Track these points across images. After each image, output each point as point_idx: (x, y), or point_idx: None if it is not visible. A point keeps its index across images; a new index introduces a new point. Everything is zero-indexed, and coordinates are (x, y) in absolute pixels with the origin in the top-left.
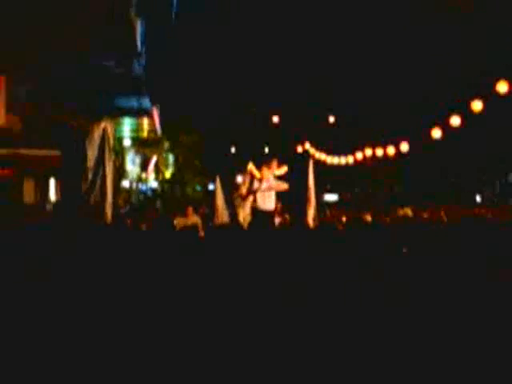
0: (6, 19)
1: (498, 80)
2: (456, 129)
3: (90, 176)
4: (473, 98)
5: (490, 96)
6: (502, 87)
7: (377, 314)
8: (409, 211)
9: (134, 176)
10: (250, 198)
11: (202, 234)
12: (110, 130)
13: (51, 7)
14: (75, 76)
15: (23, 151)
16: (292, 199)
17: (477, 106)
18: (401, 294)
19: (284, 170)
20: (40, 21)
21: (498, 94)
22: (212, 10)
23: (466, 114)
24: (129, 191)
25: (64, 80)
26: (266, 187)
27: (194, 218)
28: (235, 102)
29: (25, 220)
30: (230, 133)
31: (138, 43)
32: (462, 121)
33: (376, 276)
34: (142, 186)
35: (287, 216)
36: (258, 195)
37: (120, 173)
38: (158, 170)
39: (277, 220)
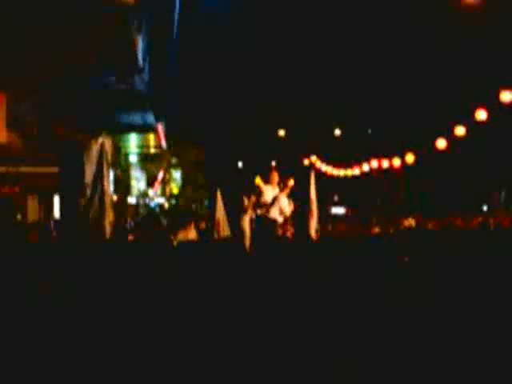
0: (5, 34)
1: (501, 89)
2: (460, 138)
3: (88, 192)
4: (477, 108)
5: (494, 106)
6: (505, 96)
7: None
8: (412, 222)
9: (140, 191)
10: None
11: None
12: (108, 145)
13: (51, 22)
14: (75, 91)
15: (25, 168)
16: (296, 211)
17: (480, 115)
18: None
19: (290, 184)
20: (40, 36)
21: (502, 104)
22: (216, 22)
23: (470, 123)
24: (136, 207)
25: (64, 95)
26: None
27: (192, 233)
28: (241, 115)
29: (28, 237)
30: (237, 147)
31: (140, 59)
32: (467, 131)
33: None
34: (150, 203)
35: (291, 228)
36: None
37: (126, 189)
38: (164, 186)
39: (279, 231)
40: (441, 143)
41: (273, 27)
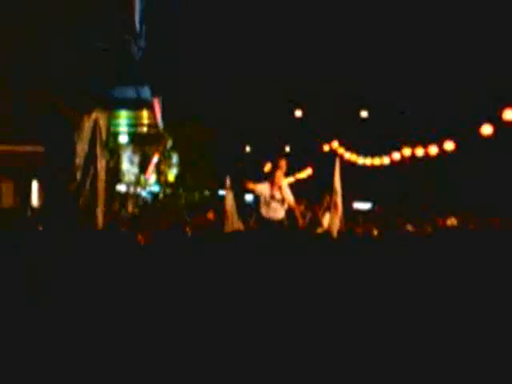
0: None
1: None
2: (510, 124)
3: (78, 175)
4: None
5: None
6: None
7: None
8: (454, 221)
9: (132, 178)
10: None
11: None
12: (102, 122)
13: None
14: (63, 60)
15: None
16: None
17: None
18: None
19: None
20: None
21: None
22: None
23: None
24: (125, 196)
25: (51, 64)
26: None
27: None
28: (252, 92)
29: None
30: (245, 129)
31: (137, 22)
32: None
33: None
34: (142, 191)
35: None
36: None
37: (115, 175)
38: (159, 172)
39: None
40: (486, 129)
41: None
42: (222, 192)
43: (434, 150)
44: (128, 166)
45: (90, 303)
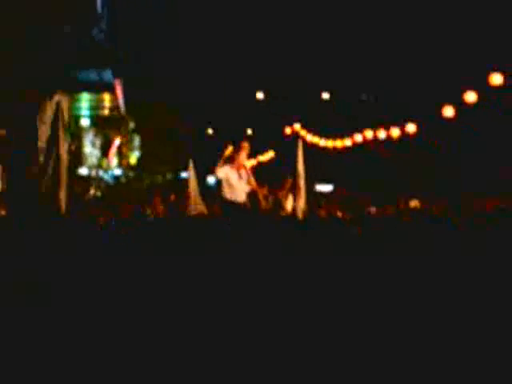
0: None
1: None
2: (471, 106)
3: (41, 158)
4: (490, 72)
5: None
6: None
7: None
8: (416, 203)
9: (94, 161)
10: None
11: None
12: (64, 105)
13: None
14: (25, 44)
15: None
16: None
17: (495, 80)
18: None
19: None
20: None
21: None
22: None
23: (482, 89)
24: (87, 180)
25: (12, 47)
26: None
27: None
28: (214, 75)
29: None
30: (208, 111)
31: (99, 4)
32: (478, 97)
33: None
34: (105, 174)
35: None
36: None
37: (77, 158)
38: (121, 155)
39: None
40: (448, 111)
41: None
42: (184, 175)
43: (395, 132)
44: (90, 149)
45: (55, 289)
